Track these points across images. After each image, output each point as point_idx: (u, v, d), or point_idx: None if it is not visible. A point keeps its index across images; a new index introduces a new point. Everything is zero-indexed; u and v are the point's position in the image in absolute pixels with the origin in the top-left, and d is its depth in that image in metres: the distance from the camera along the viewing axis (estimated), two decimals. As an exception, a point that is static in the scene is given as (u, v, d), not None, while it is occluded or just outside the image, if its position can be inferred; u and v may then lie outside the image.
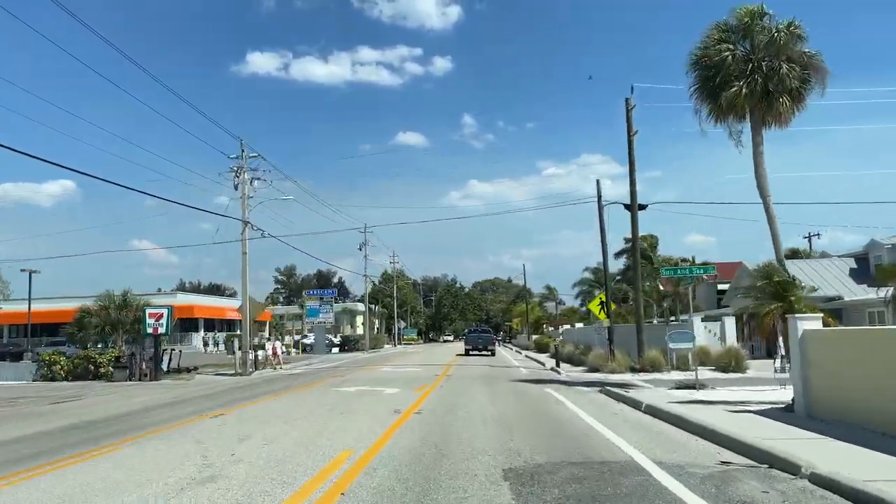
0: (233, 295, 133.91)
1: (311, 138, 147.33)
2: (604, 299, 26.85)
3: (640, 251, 28.99)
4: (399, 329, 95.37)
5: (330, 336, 62.37)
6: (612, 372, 22.13)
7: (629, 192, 24.75)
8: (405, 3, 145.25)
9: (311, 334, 55.70)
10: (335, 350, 54.94)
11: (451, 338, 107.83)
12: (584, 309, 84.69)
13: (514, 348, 63.96)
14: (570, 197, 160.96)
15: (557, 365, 26.91)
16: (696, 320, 25.65)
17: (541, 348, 49.96)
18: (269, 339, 32.41)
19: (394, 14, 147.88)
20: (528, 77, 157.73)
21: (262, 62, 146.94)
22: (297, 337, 65.90)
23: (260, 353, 31.07)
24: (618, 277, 58.29)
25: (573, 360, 29.48)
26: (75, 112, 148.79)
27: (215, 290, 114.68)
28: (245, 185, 28.40)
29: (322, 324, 54.71)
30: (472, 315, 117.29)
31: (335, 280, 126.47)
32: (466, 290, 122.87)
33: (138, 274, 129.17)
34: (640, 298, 25.39)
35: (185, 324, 56.29)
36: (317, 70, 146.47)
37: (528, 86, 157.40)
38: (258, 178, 29.07)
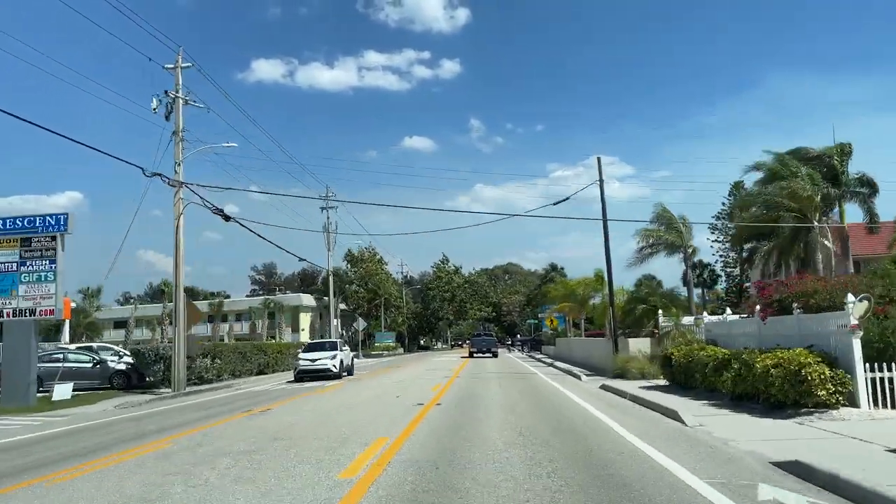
0: (208, 297, 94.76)
1: (316, 146, 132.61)
2: None
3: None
4: (356, 332, 58.87)
5: (113, 348, 26.48)
6: None
7: None
8: (412, 7, 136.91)
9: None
10: (63, 392, 18.42)
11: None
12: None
13: (582, 374, 22.57)
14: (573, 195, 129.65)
15: None
16: None
17: (716, 387, 13.14)
18: None
19: (400, 18, 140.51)
20: (538, 78, 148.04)
21: (267, 69, 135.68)
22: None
23: None
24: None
25: None
26: None
27: (187, 291, 79.93)
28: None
29: (30, 317, 18.32)
30: (475, 310, 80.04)
31: (319, 280, 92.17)
32: (468, 275, 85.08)
33: (140, 284, 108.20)
34: None
35: None
36: (322, 76, 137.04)
37: (538, 87, 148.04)
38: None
